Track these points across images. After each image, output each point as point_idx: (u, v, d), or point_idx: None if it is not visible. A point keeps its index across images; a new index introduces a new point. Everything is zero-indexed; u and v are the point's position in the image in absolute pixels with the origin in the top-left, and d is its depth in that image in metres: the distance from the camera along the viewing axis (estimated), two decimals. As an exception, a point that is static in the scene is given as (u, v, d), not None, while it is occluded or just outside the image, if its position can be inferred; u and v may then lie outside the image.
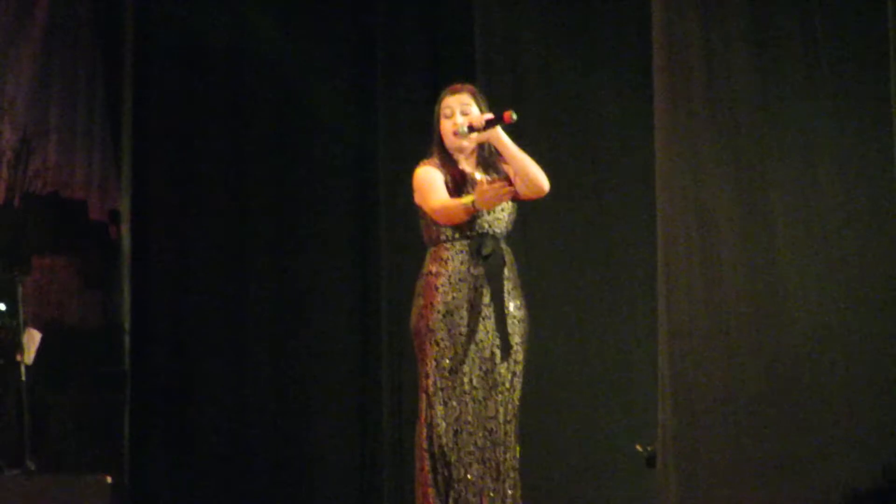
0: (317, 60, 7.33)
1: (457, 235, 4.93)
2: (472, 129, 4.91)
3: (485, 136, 4.93)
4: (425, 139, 5.14)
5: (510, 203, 5.00)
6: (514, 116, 4.80)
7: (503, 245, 4.98)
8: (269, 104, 7.47)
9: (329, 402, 7.33)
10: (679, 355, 5.27)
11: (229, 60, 7.36)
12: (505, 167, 5.02)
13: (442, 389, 4.89)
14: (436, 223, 4.94)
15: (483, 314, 4.92)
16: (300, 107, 7.41)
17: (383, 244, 7.28)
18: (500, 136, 4.93)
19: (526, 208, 5.22)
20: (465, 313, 4.90)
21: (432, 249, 5.01)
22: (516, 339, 4.98)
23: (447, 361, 4.90)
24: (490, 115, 4.91)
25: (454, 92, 5.01)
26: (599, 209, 6.34)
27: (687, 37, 5.34)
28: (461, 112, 4.96)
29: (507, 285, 4.97)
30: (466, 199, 4.77)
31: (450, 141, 4.99)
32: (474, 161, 5.04)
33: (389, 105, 7.24)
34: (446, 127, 4.98)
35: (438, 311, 4.92)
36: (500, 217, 4.97)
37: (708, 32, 5.28)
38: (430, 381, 4.90)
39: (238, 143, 7.46)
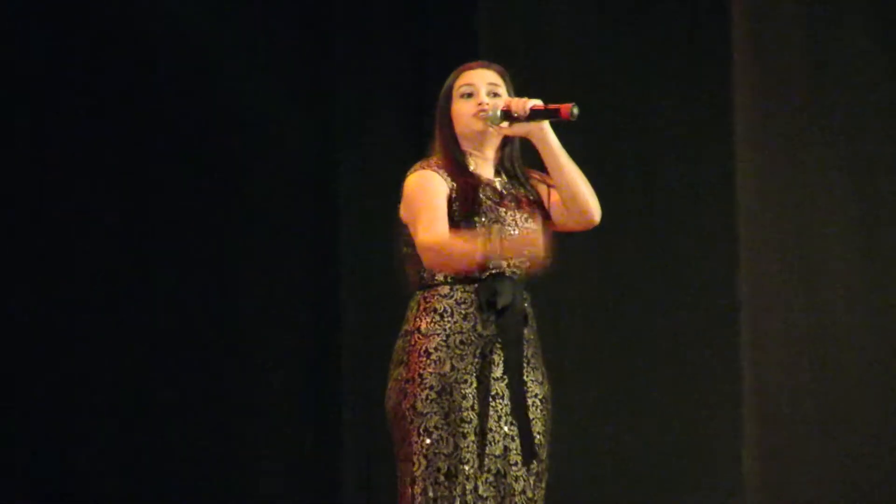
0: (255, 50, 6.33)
1: (459, 276, 4.04)
2: (508, 114, 3.98)
3: (522, 130, 4.01)
4: (398, 141, 4.46)
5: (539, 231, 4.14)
6: (576, 111, 3.91)
7: (523, 292, 4.09)
8: (187, 97, 6.28)
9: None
10: (770, 447, 4.90)
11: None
12: (539, 184, 4.12)
13: (435, 500, 4.08)
14: None
15: (493, 392, 4.06)
16: (228, 91, 6.26)
17: (344, 288, 6.32)
18: (546, 134, 4.00)
19: (559, 242, 4.27)
20: (468, 391, 4.04)
21: (421, 296, 4.08)
22: (539, 428, 4.11)
23: (442, 461, 4.06)
24: (538, 103, 3.98)
25: (475, 68, 4.12)
26: (659, 249, 5.61)
27: (780, 17, 4.91)
28: (489, 92, 4.05)
29: (527, 351, 4.09)
30: (482, 243, 3.95)
31: (466, 125, 4.04)
32: (493, 166, 4.11)
33: (352, 104, 6.21)
34: (465, 108, 4.05)
35: (431, 388, 4.06)
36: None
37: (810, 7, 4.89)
38: (419, 490, 4.08)
39: (142, 154, 6.25)
